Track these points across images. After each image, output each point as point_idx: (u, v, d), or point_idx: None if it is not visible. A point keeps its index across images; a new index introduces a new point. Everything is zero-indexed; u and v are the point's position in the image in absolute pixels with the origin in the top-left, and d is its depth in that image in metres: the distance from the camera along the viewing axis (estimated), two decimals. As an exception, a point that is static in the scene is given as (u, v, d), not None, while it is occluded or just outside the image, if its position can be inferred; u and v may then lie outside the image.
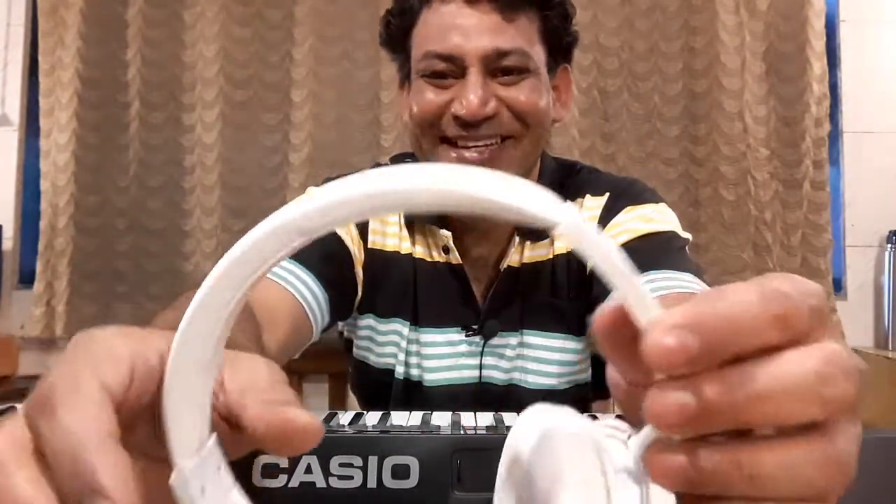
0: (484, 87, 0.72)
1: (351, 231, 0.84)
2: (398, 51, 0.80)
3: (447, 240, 0.82)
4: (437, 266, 0.85)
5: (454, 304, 0.85)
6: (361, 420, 0.73)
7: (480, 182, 0.22)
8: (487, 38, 0.72)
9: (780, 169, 1.97)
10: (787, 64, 1.97)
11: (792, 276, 0.23)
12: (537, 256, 0.85)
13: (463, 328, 0.85)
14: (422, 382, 0.87)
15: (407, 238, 0.86)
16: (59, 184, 2.03)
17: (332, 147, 2.03)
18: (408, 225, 0.87)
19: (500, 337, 0.85)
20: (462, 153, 0.74)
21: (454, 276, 0.85)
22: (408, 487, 0.51)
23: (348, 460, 0.51)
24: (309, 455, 0.51)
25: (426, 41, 0.75)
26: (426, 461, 0.52)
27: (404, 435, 0.53)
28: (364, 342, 0.89)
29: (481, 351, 0.85)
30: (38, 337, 2.03)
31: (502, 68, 0.73)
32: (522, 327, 0.84)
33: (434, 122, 0.75)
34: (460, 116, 0.72)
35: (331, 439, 0.53)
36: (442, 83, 0.74)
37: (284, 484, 0.51)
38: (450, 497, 0.51)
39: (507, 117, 0.74)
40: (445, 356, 0.86)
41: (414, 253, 0.86)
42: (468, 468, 0.52)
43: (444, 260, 0.85)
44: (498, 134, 0.74)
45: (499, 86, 0.73)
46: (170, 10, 2.07)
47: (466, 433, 0.57)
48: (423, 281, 0.86)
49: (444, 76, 0.74)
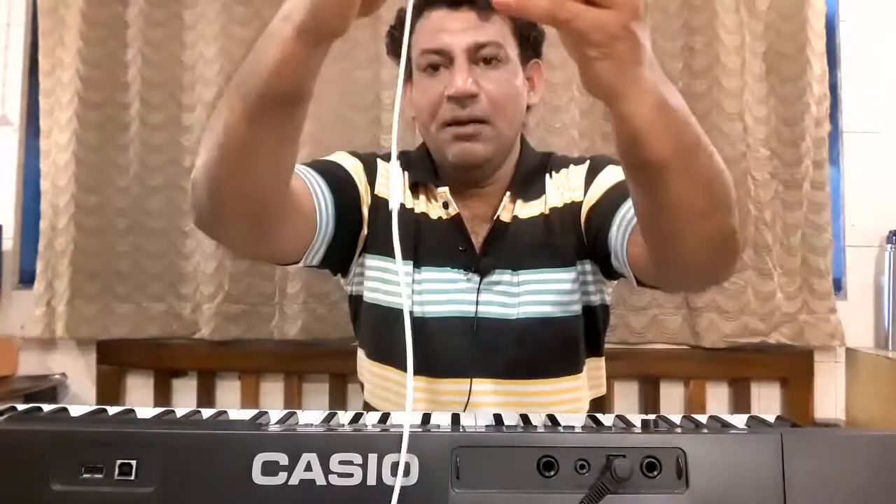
0: (468, 72, 0.94)
1: (360, 174, 1.03)
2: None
3: (445, 194, 1.01)
4: (438, 219, 1.03)
5: (454, 249, 1.01)
6: (361, 419, 0.73)
7: None
8: (469, 34, 0.94)
9: (780, 169, 1.97)
10: (787, 64, 1.97)
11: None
12: (530, 214, 1.03)
13: (462, 269, 1.01)
14: (424, 316, 1.00)
15: (411, 197, 1.05)
16: (59, 184, 2.03)
17: (332, 147, 2.01)
18: (412, 186, 1.06)
19: (496, 274, 1.00)
20: (457, 130, 0.95)
21: (453, 225, 1.02)
22: (408, 485, 0.51)
23: (348, 458, 0.52)
24: (309, 453, 0.52)
25: (423, 41, 0.96)
26: (426, 458, 0.52)
27: (404, 433, 0.53)
28: (374, 283, 1.04)
29: (478, 287, 1.00)
30: (38, 337, 2.02)
31: (482, 57, 0.95)
32: (518, 267, 1.01)
33: (434, 109, 0.97)
34: (451, 95, 0.93)
35: (331, 437, 0.53)
36: (435, 74, 0.96)
37: (284, 481, 0.51)
38: (449, 494, 0.51)
39: (485, 101, 0.95)
40: (445, 292, 1.01)
41: (416, 208, 1.05)
42: (467, 465, 0.52)
43: (445, 215, 1.03)
44: (478, 117, 0.95)
45: (480, 74, 0.95)
46: (170, 11, 2.07)
47: (466, 431, 0.57)
48: (425, 231, 1.03)
49: (437, 67, 0.96)
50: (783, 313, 1.95)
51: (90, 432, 0.54)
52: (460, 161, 0.98)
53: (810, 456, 0.53)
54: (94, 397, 2.08)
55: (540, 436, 0.54)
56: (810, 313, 1.95)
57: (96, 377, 2.08)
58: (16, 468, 0.52)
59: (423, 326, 0.99)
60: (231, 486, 0.51)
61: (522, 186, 1.04)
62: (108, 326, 2.04)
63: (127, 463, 0.52)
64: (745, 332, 1.95)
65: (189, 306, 2.05)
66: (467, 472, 0.52)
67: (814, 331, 1.94)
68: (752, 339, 1.95)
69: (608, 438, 0.53)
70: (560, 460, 0.52)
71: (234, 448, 0.52)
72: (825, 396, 2.01)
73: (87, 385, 2.09)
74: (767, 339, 1.95)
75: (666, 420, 0.70)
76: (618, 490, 0.50)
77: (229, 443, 0.52)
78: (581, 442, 0.53)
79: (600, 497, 0.50)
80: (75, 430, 0.54)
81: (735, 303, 1.94)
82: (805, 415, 1.95)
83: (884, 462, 0.53)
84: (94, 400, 2.07)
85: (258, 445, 0.52)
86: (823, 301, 1.94)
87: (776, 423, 0.67)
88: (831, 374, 2.01)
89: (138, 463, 0.52)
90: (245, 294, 2.03)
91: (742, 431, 0.58)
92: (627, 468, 0.50)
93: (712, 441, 0.54)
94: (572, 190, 1.04)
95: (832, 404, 2.01)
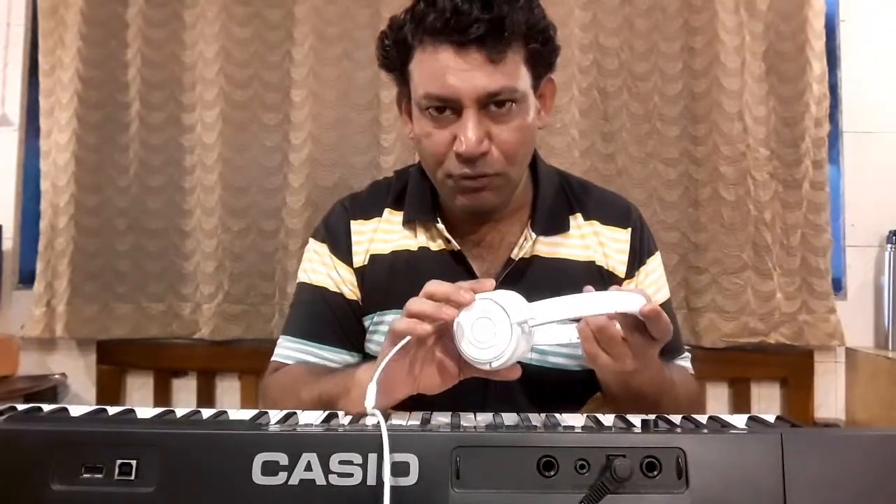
0: (479, 126, 0.85)
1: (341, 274, 1.00)
2: (395, 74, 0.93)
3: (443, 232, 0.96)
4: (440, 252, 0.98)
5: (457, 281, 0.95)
6: (361, 419, 0.72)
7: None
8: (479, 79, 0.84)
9: (779, 169, 1.97)
10: (787, 64, 1.97)
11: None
12: (552, 253, 0.99)
13: None
14: None
15: (410, 236, 1.00)
16: (59, 184, 2.03)
17: (332, 147, 2.03)
18: (407, 223, 0.99)
19: None
20: (464, 183, 0.89)
21: (456, 260, 0.97)
22: (408, 485, 0.51)
23: (348, 458, 0.51)
24: (309, 453, 0.52)
25: (425, 82, 0.87)
26: (426, 458, 0.52)
27: (404, 432, 0.53)
28: (376, 336, 1.00)
29: None
30: (38, 337, 2.03)
31: (494, 102, 0.85)
32: None
33: (441, 159, 0.89)
34: (461, 153, 0.85)
35: (331, 437, 0.53)
36: (441, 117, 0.87)
37: (284, 481, 0.51)
38: (449, 494, 0.51)
39: (496, 156, 0.87)
40: None
41: (413, 247, 0.99)
42: (467, 465, 0.52)
43: (446, 248, 0.98)
44: (488, 173, 0.88)
45: (491, 122, 0.86)
46: (170, 10, 2.07)
47: (466, 431, 0.57)
48: (425, 266, 0.97)
49: (442, 110, 0.87)
50: (783, 313, 1.95)
51: (90, 432, 0.54)
52: (468, 210, 0.93)
53: (810, 456, 0.53)
54: (94, 397, 2.08)
55: (540, 436, 0.54)
56: (810, 313, 1.95)
57: (96, 377, 2.08)
58: (16, 468, 0.52)
59: None
60: (231, 486, 0.51)
61: (546, 221, 0.98)
62: (108, 326, 2.04)
63: (127, 463, 0.52)
64: (744, 332, 1.95)
65: (189, 306, 2.05)
66: (467, 472, 0.52)
67: (813, 331, 1.94)
68: (751, 339, 1.95)
69: (608, 438, 0.53)
70: (560, 460, 0.52)
71: (234, 448, 0.52)
72: (825, 396, 2.01)
73: (87, 385, 2.09)
74: (767, 339, 1.95)
75: (666, 420, 0.70)
76: (618, 490, 0.50)
77: (229, 443, 0.52)
78: (581, 442, 0.53)
79: (600, 497, 0.50)
80: (75, 430, 0.54)
81: (735, 303, 1.94)
82: (805, 415, 1.95)
83: (884, 462, 0.53)
84: (94, 400, 2.07)
85: (258, 445, 0.52)
86: (823, 301, 1.95)
87: (776, 423, 0.67)
88: (831, 374, 2.01)
89: (138, 463, 0.52)
90: (245, 294, 2.03)
91: (742, 431, 0.58)
92: (627, 468, 0.50)
93: (712, 441, 0.54)
94: (606, 257, 1.01)
95: (832, 404, 2.01)
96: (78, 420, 0.63)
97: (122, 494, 0.51)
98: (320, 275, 1.02)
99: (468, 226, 0.97)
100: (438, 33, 0.83)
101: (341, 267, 1.00)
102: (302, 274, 1.04)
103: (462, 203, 0.91)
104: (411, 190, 1.01)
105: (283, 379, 0.97)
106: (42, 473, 0.51)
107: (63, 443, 0.52)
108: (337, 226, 1.03)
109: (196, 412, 0.68)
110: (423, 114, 0.89)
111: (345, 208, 1.04)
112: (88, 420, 0.64)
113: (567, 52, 1.93)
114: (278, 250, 2.03)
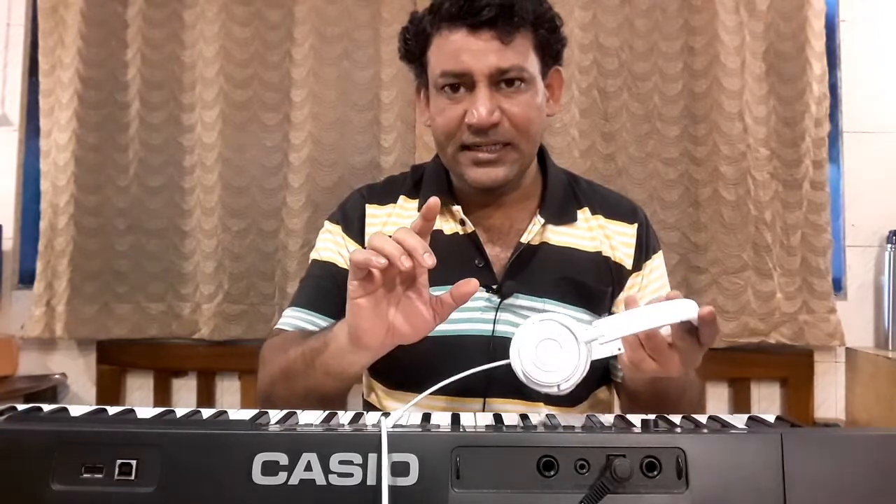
0: (490, 99, 0.92)
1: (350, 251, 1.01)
2: (415, 63, 1.00)
3: (460, 212, 1.01)
4: (453, 235, 1.02)
5: (469, 265, 0.99)
6: (361, 419, 0.72)
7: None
8: (491, 58, 0.91)
9: (779, 169, 1.97)
10: (787, 64, 1.97)
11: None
12: (560, 242, 1.02)
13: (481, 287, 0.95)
14: (438, 334, 0.92)
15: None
16: (59, 184, 2.03)
17: (332, 147, 2.03)
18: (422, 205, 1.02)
19: (517, 298, 0.98)
20: (477, 155, 0.95)
21: (470, 242, 1.01)
22: (408, 485, 0.51)
23: (348, 458, 0.51)
24: (309, 452, 0.52)
25: (442, 62, 0.94)
26: (426, 458, 0.52)
27: (404, 432, 0.53)
28: None
29: (497, 307, 0.98)
30: (38, 337, 2.02)
31: (504, 80, 0.93)
32: (543, 295, 0.99)
33: (454, 132, 0.95)
34: (473, 124, 0.92)
35: (331, 437, 0.53)
36: (456, 96, 0.94)
37: (284, 481, 0.51)
38: (449, 494, 0.51)
39: (507, 126, 0.93)
40: (460, 310, 0.93)
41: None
42: (467, 465, 0.52)
43: (461, 230, 1.02)
44: (500, 141, 0.94)
45: (502, 97, 0.93)
46: (170, 10, 2.07)
47: (465, 431, 0.57)
48: (440, 248, 0.98)
49: (457, 88, 0.94)
50: (783, 313, 1.95)
51: (90, 432, 0.54)
52: (480, 185, 0.97)
53: (810, 456, 0.53)
54: (94, 397, 2.08)
55: (540, 436, 0.54)
56: (810, 313, 1.95)
57: (96, 377, 2.08)
58: (16, 468, 0.52)
59: (437, 344, 0.95)
60: (231, 486, 0.51)
61: (554, 210, 1.03)
62: (108, 326, 2.04)
63: (127, 463, 0.52)
64: (744, 332, 1.95)
65: (189, 306, 2.05)
66: (467, 472, 0.52)
67: (813, 331, 1.94)
68: (751, 339, 1.95)
69: (608, 438, 0.53)
70: (560, 460, 0.52)
71: (234, 448, 0.52)
72: (825, 396, 2.01)
73: (87, 385, 2.09)
74: (767, 339, 1.95)
75: (666, 420, 0.70)
76: (618, 490, 0.50)
77: (229, 443, 0.52)
78: (581, 442, 0.53)
79: (600, 497, 0.50)
80: (75, 430, 0.54)
81: (735, 303, 1.94)
82: (805, 415, 1.95)
83: (884, 462, 0.53)
84: (94, 400, 2.07)
85: (258, 445, 0.52)
86: (823, 301, 1.95)
87: (776, 423, 0.67)
88: (831, 374, 2.01)
89: (138, 463, 0.52)
90: (245, 294, 2.03)
91: (742, 431, 0.58)
92: (627, 468, 0.50)
93: (712, 441, 0.54)
94: (613, 249, 1.04)
95: (832, 404, 2.01)
96: (78, 420, 0.63)
97: (121, 494, 0.51)
98: (330, 252, 1.06)
99: (479, 209, 1.02)
100: (454, 18, 0.92)
101: (352, 244, 1.04)
102: (314, 252, 1.08)
103: (475, 177, 0.96)
104: (428, 177, 1.06)
105: (277, 341, 1.00)
106: (42, 473, 0.51)
107: (63, 443, 0.52)
108: (353, 208, 1.08)
109: (196, 412, 0.68)
110: (439, 94, 0.96)
111: (361, 195, 1.09)
112: (88, 420, 0.64)
113: (567, 51, 1.91)
114: (278, 250, 2.03)
